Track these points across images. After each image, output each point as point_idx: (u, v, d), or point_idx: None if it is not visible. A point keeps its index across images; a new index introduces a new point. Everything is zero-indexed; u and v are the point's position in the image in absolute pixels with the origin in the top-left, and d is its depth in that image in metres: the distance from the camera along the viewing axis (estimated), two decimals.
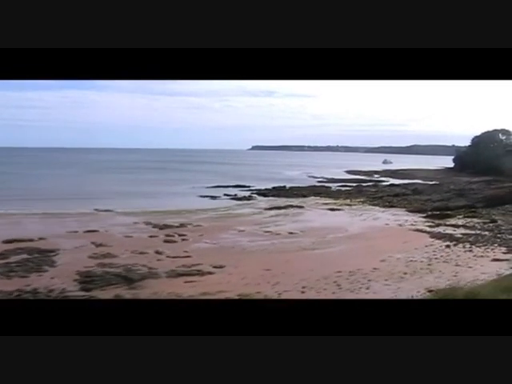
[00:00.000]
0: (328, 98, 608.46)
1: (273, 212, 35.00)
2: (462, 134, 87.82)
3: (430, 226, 28.26)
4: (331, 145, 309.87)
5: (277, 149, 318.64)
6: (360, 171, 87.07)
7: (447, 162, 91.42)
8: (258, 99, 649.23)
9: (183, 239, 24.92)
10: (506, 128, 74.64)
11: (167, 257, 20.88)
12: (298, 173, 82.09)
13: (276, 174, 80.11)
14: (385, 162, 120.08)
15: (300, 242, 23.79)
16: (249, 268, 18.56)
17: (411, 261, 19.47)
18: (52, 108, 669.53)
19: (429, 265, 18.77)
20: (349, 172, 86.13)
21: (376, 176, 78.28)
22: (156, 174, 73.83)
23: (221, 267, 18.89)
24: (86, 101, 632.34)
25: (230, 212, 35.42)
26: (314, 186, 56.89)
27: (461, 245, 22.64)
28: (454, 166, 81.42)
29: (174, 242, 24.32)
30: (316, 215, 33.43)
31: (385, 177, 76.13)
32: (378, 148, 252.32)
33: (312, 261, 19.64)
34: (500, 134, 73.37)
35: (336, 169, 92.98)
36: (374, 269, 18.01)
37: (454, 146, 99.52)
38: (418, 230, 26.76)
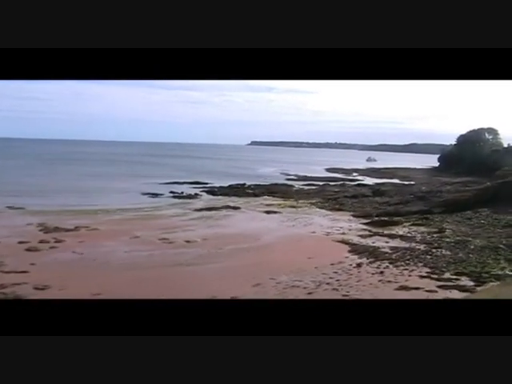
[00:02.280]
0: (328, 95, 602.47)
1: (199, 214, 30.64)
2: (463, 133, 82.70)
3: (362, 236, 23.80)
4: (330, 141, 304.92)
5: (275, 145, 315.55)
6: (341, 169, 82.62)
7: None
8: (258, 94, 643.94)
9: (52, 247, 20.75)
10: (494, 127, 69.67)
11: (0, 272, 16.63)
12: (273, 169, 77.58)
13: (250, 170, 75.82)
14: (369, 159, 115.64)
15: (185, 255, 19.46)
16: (76, 291, 14.20)
17: (293, 286, 15.06)
18: (52, 100, 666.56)
19: (309, 294, 14.31)
20: (329, 170, 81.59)
21: (354, 174, 73.76)
22: (118, 168, 69.79)
23: (43, 289, 14.67)
24: (86, 92, 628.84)
25: (150, 213, 31.03)
26: (276, 184, 52.40)
27: (377, 263, 18.18)
28: (439, 165, 76.60)
29: (38, 250, 20.15)
30: (243, 219, 29.03)
31: (363, 175, 71.65)
32: (377, 146, 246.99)
33: (166, 282, 15.25)
34: (486, 133, 68.33)
35: (318, 166, 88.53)
36: (231, 298, 13.57)
37: (451, 145, 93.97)
38: (342, 241, 22.30)
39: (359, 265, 17.83)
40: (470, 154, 64.60)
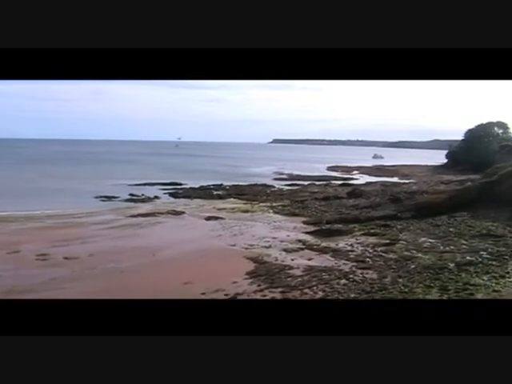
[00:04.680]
0: (350, 93, 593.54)
1: (128, 221, 26.80)
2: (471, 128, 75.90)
3: (287, 250, 19.46)
4: (351, 139, 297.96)
5: (297, 142, 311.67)
6: (343, 167, 77.88)
7: None
8: (277, 92, 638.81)
9: None
10: (504, 121, 63.42)
11: None
12: (268, 168, 73.22)
13: (242, 168, 72.08)
14: (375, 156, 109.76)
15: (36, 277, 15.70)
16: None
17: None
18: (74, 100, 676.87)
19: None
20: (330, 168, 76.85)
21: (354, 172, 69.04)
22: (100, 167, 67.05)
23: None
24: (105, 92, 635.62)
25: (74, 220, 27.17)
26: (256, 184, 48.14)
27: (264, 292, 13.85)
28: (447, 162, 70.82)
29: None
30: (169, 228, 25.02)
31: (363, 173, 66.85)
32: (398, 142, 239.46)
33: None
34: (496, 127, 62.19)
35: (322, 164, 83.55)
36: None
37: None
38: (254, 258, 18.03)
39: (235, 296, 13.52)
40: (478, 150, 58.93)
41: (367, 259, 17.84)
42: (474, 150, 59.80)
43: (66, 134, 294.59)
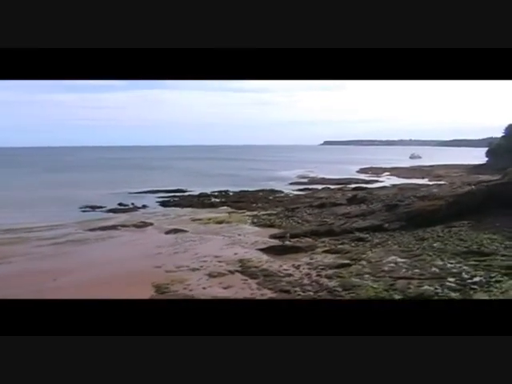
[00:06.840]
0: (398, 93, 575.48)
1: (84, 235, 24.53)
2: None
3: (212, 274, 16.18)
4: (404, 138, 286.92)
5: (347, 144, 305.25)
6: (374, 168, 73.10)
7: None
8: (326, 93, 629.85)
9: None
10: None
11: None
12: (294, 172, 69.51)
13: (268, 172, 69.20)
14: (412, 156, 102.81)
15: None
16: None
17: None
18: (123, 108, 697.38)
19: None
20: (361, 170, 72.27)
21: (385, 174, 64.33)
22: (113, 174, 66.72)
23: None
24: (155, 99, 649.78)
25: (22, 235, 24.68)
26: (263, 190, 44.83)
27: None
28: (487, 160, 64.41)
29: None
30: (117, 244, 22.32)
31: (393, 175, 62.05)
32: (451, 141, 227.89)
33: None
34: None
35: (353, 166, 78.99)
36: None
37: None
38: (159, 286, 14.90)
39: None
40: None
41: (296, 289, 14.24)
42: None
43: (113, 141, 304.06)
